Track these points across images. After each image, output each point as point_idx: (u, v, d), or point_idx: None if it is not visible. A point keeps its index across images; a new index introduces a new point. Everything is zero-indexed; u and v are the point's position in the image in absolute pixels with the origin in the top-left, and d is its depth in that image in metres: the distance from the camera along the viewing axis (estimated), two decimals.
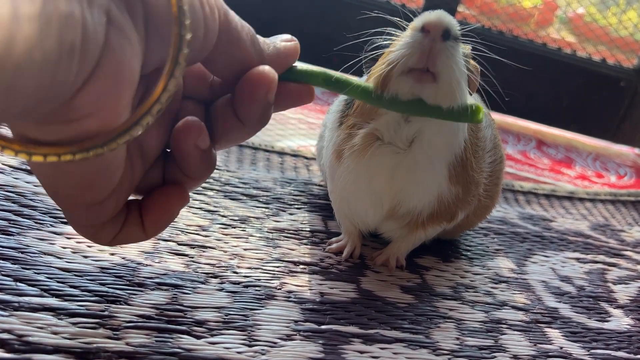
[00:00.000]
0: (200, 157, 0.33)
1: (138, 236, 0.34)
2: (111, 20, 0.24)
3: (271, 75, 0.32)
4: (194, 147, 0.32)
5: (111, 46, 0.24)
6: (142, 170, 0.33)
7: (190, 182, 0.35)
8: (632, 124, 1.16)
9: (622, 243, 0.69)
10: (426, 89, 0.41)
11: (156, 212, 0.33)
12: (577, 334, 0.48)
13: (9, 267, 0.38)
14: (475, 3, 1.20)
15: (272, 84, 0.32)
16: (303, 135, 0.83)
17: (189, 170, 0.34)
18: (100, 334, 0.34)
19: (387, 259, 0.51)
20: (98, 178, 0.29)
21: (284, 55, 0.35)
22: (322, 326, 0.41)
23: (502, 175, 0.57)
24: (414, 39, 0.41)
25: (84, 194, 0.29)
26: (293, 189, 0.62)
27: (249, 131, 0.35)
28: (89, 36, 0.23)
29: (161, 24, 0.27)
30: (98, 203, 0.30)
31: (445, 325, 0.44)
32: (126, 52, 0.25)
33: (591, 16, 1.25)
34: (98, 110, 0.25)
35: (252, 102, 0.33)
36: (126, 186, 0.32)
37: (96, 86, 0.24)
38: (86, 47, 0.23)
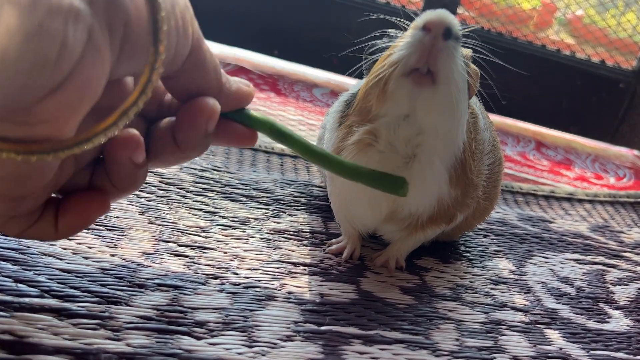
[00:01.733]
0: (131, 170, 0.33)
1: (49, 234, 0.33)
2: (91, 38, 0.24)
3: (214, 107, 0.33)
4: (127, 160, 0.32)
5: (84, 63, 0.24)
6: (71, 172, 0.33)
7: (115, 193, 0.34)
8: (631, 125, 1.16)
9: (621, 244, 0.69)
10: (424, 92, 0.42)
11: (73, 215, 0.33)
12: (576, 335, 0.48)
13: (9, 268, 0.38)
14: (474, 5, 1.21)
15: (212, 115, 0.33)
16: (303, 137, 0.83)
17: (117, 181, 0.33)
18: (100, 335, 0.35)
19: (387, 260, 0.51)
20: (30, 177, 0.29)
21: (239, 96, 0.36)
22: (322, 327, 0.41)
23: (500, 178, 0.57)
24: (415, 37, 0.41)
25: (10, 188, 0.29)
26: (293, 191, 0.62)
27: (184, 156, 0.35)
28: (65, 52, 0.23)
29: (137, 42, 0.27)
30: (18, 197, 0.30)
31: (445, 326, 0.45)
32: (97, 71, 0.25)
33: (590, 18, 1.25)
34: (55, 119, 0.25)
35: (191, 129, 0.33)
36: (51, 185, 0.32)
37: (60, 98, 0.24)
38: (60, 61, 0.23)
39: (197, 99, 0.33)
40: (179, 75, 0.32)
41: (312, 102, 1.01)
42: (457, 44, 0.41)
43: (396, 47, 0.42)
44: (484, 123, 0.52)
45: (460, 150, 0.46)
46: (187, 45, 0.31)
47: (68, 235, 0.34)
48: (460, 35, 0.42)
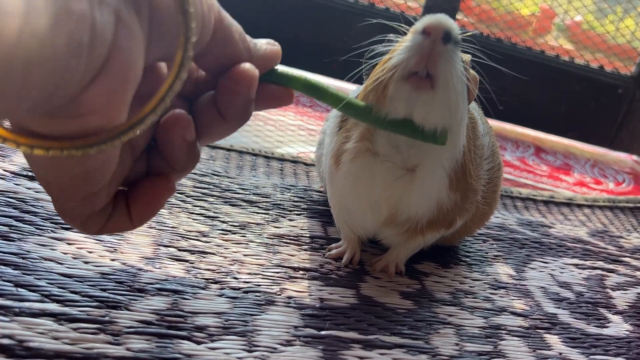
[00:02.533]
0: (186, 149, 0.34)
1: (125, 226, 0.34)
2: (120, 19, 0.24)
3: (252, 72, 0.33)
4: (180, 139, 0.33)
5: (119, 45, 0.24)
6: (130, 163, 0.33)
7: (174, 174, 0.35)
8: (630, 130, 1.16)
9: (620, 249, 0.69)
10: (423, 95, 0.42)
11: (144, 203, 0.34)
12: (576, 339, 0.48)
13: (9, 273, 0.38)
14: (473, 11, 1.21)
15: (253, 80, 0.33)
16: (303, 142, 0.83)
17: (173, 162, 0.34)
18: (100, 339, 0.35)
19: (387, 265, 0.51)
20: (95, 172, 0.29)
21: (268, 57, 0.36)
22: (321, 332, 0.41)
23: (500, 183, 0.57)
24: (414, 42, 0.41)
25: (79, 186, 0.29)
26: (293, 195, 0.62)
27: (230, 127, 0.35)
28: (97, 35, 0.23)
29: (164, 24, 0.27)
30: (91, 195, 0.30)
31: (444, 330, 0.45)
32: (133, 51, 0.25)
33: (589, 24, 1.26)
34: (104, 107, 0.25)
35: (234, 97, 0.33)
36: (117, 178, 0.32)
37: (103, 84, 0.24)
38: (94, 45, 0.23)
39: (235, 67, 0.33)
40: (208, 51, 0.32)
41: (311, 107, 1.02)
42: (456, 48, 0.42)
43: (395, 51, 0.42)
44: (483, 128, 0.53)
45: (460, 155, 0.46)
46: (212, 20, 0.31)
47: (143, 223, 0.35)
48: (459, 39, 0.42)
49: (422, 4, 1.11)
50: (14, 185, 0.49)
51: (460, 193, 0.48)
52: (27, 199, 0.47)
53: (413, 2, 1.18)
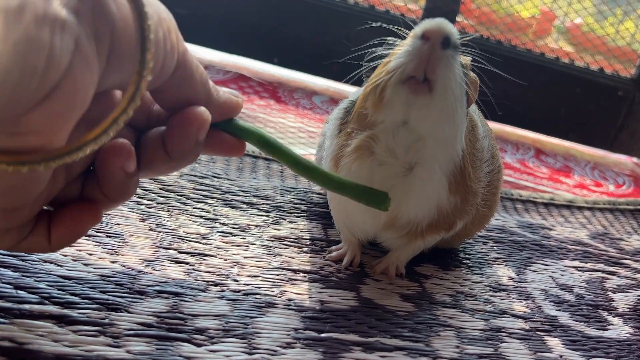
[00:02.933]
0: (122, 179, 0.33)
1: (42, 247, 0.33)
2: (78, 47, 0.24)
3: (204, 116, 0.34)
4: (118, 169, 0.33)
5: (72, 73, 0.24)
6: (63, 184, 0.33)
7: (106, 203, 0.34)
8: (630, 133, 1.16)
9: (621, 252, 0.69)
10: (420, 99, 0.42)
11: (65, 227, 0.33)
12: (576, 342, 0.48)
13: (9, 275, 0.38)
14: (473, 13, 1.21)
15: (203, 124, 0.34)
16: (303, 144, 0.83)
17: (108, 191, 0.34)
18: (100, 341, 0.34)
19: (387, 268, 0.51)
20: (21, 188, 0.28)
21: (227, 106, 0.37)
22: (322, 334, 0.41)
23: (500, 185, 0.57)
24: (413, 46, 0.41)
25: (2, 200, 0.29)
26: (293, 197, 0.62)
27: (175, 166, 0.35)
28: (53, 61, 0.23)
29: (124, 53, 0.28)
30: (12, 209, 0.30)
31: (445, 333, 0.45)
32: (85, 79, 0.25)
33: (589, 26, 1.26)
34: (45, 129, 0.25)
35: (182, 138, 0.34)
36: (44, 197, 0.32)
37: (49, 108, 0.24)
38: (48, 70, 0.23)
39: (187, 109, 0.33)
40: (167, 88, 0.32)
41: (311, 110, 1.02)
42: (455, 52, 0.42)
43: (394, 55, 0.42)
44: (482, 130, 0.53)
45: (459, 158, 0.46)
46: (174, 57, 0.31)
47: (61, 248, 0.34)
48: (458, 44, 0.42)
49: (422, 6, 1.11)
50: None
51: (460, 196, 0.48)
52: None
53: (413, 5, 1.18)
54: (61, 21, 0.23)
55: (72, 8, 0.24)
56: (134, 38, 0.27)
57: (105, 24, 0.26)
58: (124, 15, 0.27)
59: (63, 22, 0.23)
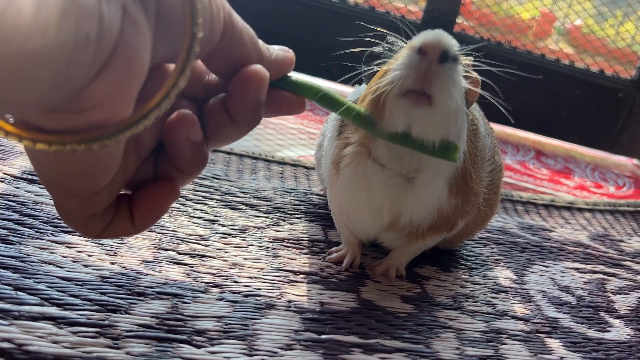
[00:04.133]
0: (192, 150, 0.33)
1: (127, 230, 0.34)
2: (126, 13, 0.24)
3: (262, 73, 0.33)
4: (186, 139, 0.32)
5: (125, 39, 0.24)
6: (135, 164, 0.33)
7: (181, 177, 0.34)
8: (630, 134, 1.16)
9: (621, 253, 0.69)
10: (421, 111, 0.41)
11: (146, 207, 0.33)
12: (577, 344, 0.48)
13: (9, 276, 0.38)
14: (473, 15, 1.21)
15: (262, 81, 0.33)
16: (303, 145, 0.83)
17: (180, 164, 0.34)
18: (100, 343, 0.34)
19: (387, 269, 0.51)
20: (97, 169, 0.29)
21: (280, 62, 0.36)
22: (322, 336, 0.41)
23: (500, 184, 0.57)
24: (410, 59, 0.40)
25: (80, 184, 0.29)
26: (293, 199, 0.62)
27: (239, 130, 0.35)
28: (104, 28, 0.23)
29: (171, 20, 0.27)
30: (92, 194, 0.30)
31: (445, 335, 0.44)
32: (139, 45, 0.25)
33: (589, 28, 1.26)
34: (108, 101, 0.25)
35: (243, 99, 0.33)
36: (120, 179, 0.32)
37: (108, 78, 0.24)
38: (101, 38, 0.23)
39: (244, 69, 0.33)
40: (218, 52, 0.32)
41: (311, 111, 1.02)
42: (454, 64, 0.41)
43: (393, 66, 0.42)
44: (484, 129, 0.53)
45: (460, 161, 0.46)
46: (221, 19, 0.30)
47: (145, 228, 0.34)
48: (458, 56, 0.41)
49: (422, 7, 1.11)
50: (13, 188, 0.49)
51: (462, 197, 0.48)
52: (27, 202, 0.47)
53: (413, 6, 1.18)
54: None
55: None
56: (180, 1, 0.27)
57: None
58: None
59: None
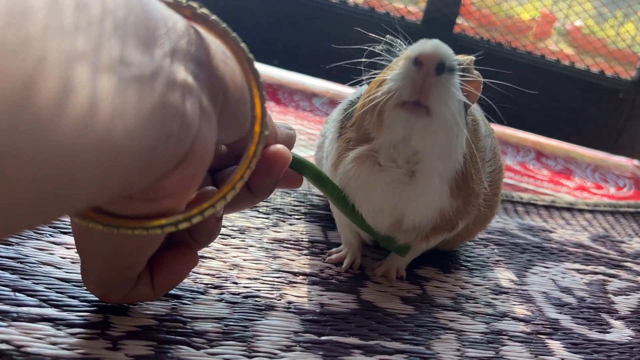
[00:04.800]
0: (213, 224, 0.35)
1: (147, 295, 0.36)
2: (203, 109, 0.25)
3: (287, 154, 0.35)
4: (212, 217, 0.34)
5: (202, 135, 0.25)
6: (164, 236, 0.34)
7: (196, 246, 0.36)
8: (631, 135, 1.16)
9: (622, 254, 0.69)
10: (420, 121, 0.41)
11: (168, 274, 0.35)
12: (578, 345, 0.47)
13: (7, 277, 0.38)
14: (473, 15, 1.21)
15: (287, 161, 0.35)
16: (302, 146, 0.83)
17: (199, 236, 0.35)
18: (99, 344, 0.34)
19: (388, 270, 0.51)
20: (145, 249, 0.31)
21: (288, 141, 0.38)
22: (322, 337, 0.40)
23: (501, 185, 0.56)
24: (406, 70, 0.40)
25: (128, 260, 0.31)
26: (293, 200, 0.61)
27: (254, 201, 0.37)
28: (186, 125, 0.24)
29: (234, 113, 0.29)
30: (129, 268, 0.32)
31: (445, 336, 0.44)
32: (212, 139, 0.26)
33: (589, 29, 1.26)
34: (180, 192, 0.26)
35: (267, 176, 0.35)
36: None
37: (184, 171, 0.25)
38: (182, 135, 0.24)
39: (271, 148, 0.35)
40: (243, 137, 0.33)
41: (311, 112, 1.01)
42: (451, 75, 0.40)
43: (388, 76, 0.41)
44: (485, 130, 0.52)
45: (461, 164, 0.46)
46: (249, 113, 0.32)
47: (164, 293, 0.36)
48: (455, 66, 0.41)
49: (422, 8, 1.11)
50: None
51: (463, 198, 0.47)
52: None
53: (413, 7, 1.18)
54: (189, 85, 0.24)
55: (193, 73, 0.25)
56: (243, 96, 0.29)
57: (220, 86, 0.27)
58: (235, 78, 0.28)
59: (191, 86, 0.24)
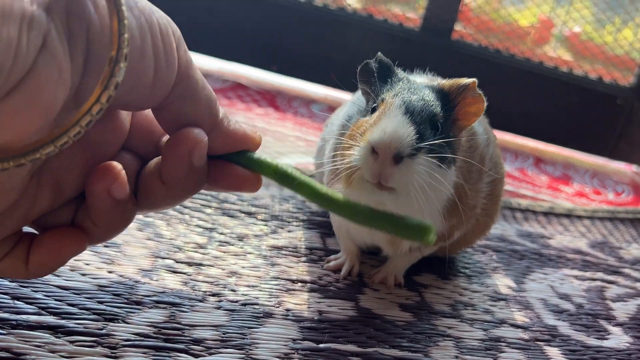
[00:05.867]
0: (111, 207, 0.31)
1: (18, 272, 0.31)
2: (46, 45, 0.24)
3: (199, 137, 0.31)
4: (105, 193, 0.30)
5: (37, 71, 0.23)
6: (49, 204, 0.31)
7: (96, 232, 0.32)
8: (629, 141, 1.16)
9: (620, 260, 0.69)
10: (387, 195, 0.40)
11: (44, 251, 0.30)
12: (576, 352, 0.48)
13: (6, 285, 0.38)
14: (472, 21, 1.21)
15: (197, 145, 0.31)
16: (301, 153, 0.83)
17: (96, 218, 0.31)
18: (97, 352, 0.34)
19: (386, 277, 0.51)
20: None
21: (237, 135, 0.33)
22: (320, 345, 0.40)
23: (501, 194, 0.57)
24: (365, 157, 0.40)
25: None
26: (291, 207, 0.62)
27: (173, 195, 0.33)
28: (19, 58, 0.22)
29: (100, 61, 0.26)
30: None
31: (444, 343, 0.44)
32: (51, 79, 0.24)
33: (587, 34, 1.26)
34: (3, 127, 0.24)
35: (174, 161, 0.31)
36: (21, 213, 0.30)
37: (9, 104, 0.23)
38: (14, 67, 0.22)
39: (182, 129, 0.31)
40: (167, 105, 0.31)
41: (310, 118, 1.02)
42: (413, 159, 0.40)
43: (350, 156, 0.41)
44: (485, 138, 0.52)
45: (451, 192, 0.45)
46: (172, 70, 0.29)
47: (39, 275, 0.31)
48: (414, 151, 0.40)
49: (420, 14, 1.11)
50: None
51: (457, 217, 0.47)
52: None
53: (411, 14, 1.18)
54: (29, 16, 0.22)
55: (43, 4, 0.23)
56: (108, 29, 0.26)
57: (80, 23, 0.25)
58: (102, 16, 0.26)
59: (31, 17, 0.23)
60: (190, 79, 0.31)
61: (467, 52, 1.09)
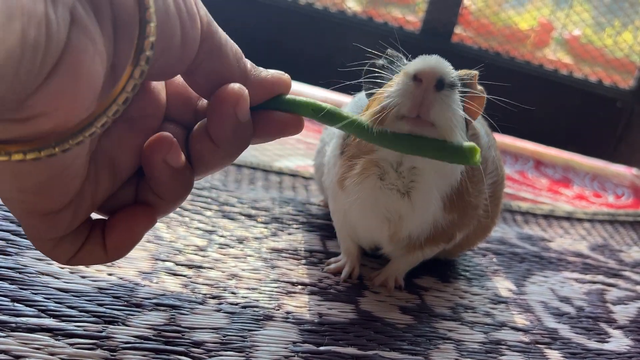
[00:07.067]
0: (171, 176, 0.32)
1: (99, 257, 0.32)
2: (75, 19, 0.23)
3: (239, 91, 0.31)
4: (162, 163, 0.31)
5: (72, 45, 0.23)
6: (110, 186, 0.31)
7: (162, 205, 0.33)
8: (629, 144, 1.16)
9: (620, 263, 0.69)
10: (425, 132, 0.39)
11: (118, 232, 0.31)
12: (576, 355, 0.47)
13: (6, 287, 0.38)
14: (472, 25, 1.21)
15: (240, 99, 0.31)
16: (301, 155, 0.83)
17: (159, 190, 0.32)
18: (97, 355, 0.34)
19: (386, 279, 0.51)
20: (52, 183, 0.27)
21: (269, 82, 0.34)
22: (320, 347, 0.40)
23: (502, 195, 0.57)
24: (405, 87, 0.39)
25: (37, 200, 0.28)
26: (291, 209, 0.62)
27: (224, 154, 0.33)
28: (52, 34, 0.22)
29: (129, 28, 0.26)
30: (53, 212, 0.29)
31: (444, 346, 0.44)
32: (88, 52, 0.24)
33: (587, 38, 1.26)
34: (53, 109, 0.24)
35: (221, 119, 0.31)
36: (88, 199, 0.30)
37: (53, 85, 0.23)
38: (49, 44, 0.22)
39: (221, 87, 0.31)
40: (196, 67, 0.31)
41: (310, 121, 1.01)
42: (451, 91, 0.40)
43: (387, 92, 0.40)
44: (486, 141, 0.52)
45: (457, 180, 0.46)
46: (196, 30, 0.29)
47: (119, 256, 0.32)
48: (455, 81, 0.40)
49: (420, 17, 1.11)
50: None
51: (458, 212, 0.47)
52: None
53: (411, 17, 1.19)
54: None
55: None
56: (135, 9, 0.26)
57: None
58: None
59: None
60: (214, 35, 0.31)
61: (467, 55, 1.09)
